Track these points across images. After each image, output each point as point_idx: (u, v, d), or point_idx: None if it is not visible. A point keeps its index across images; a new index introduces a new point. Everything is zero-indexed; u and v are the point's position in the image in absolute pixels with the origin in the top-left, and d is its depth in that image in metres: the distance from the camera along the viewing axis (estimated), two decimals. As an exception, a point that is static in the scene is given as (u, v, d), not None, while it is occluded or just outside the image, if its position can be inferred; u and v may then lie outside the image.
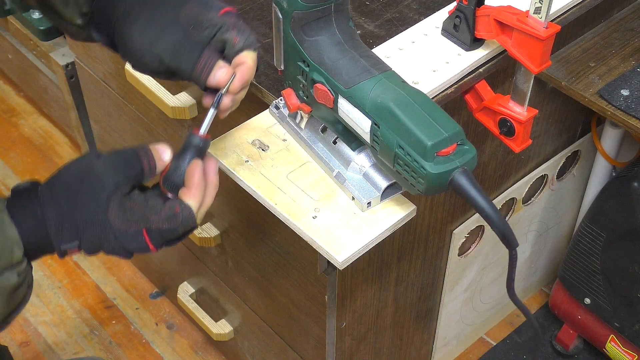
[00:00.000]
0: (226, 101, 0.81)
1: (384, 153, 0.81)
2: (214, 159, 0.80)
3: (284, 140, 0.95)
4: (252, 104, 1.06)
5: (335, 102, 0.84)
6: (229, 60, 0.81)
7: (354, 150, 0.90)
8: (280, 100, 0.96)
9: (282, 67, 0.91)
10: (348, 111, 0.83)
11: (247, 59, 0.81)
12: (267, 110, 0.98)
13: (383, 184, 0.88)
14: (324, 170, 0.92)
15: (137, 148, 0.75)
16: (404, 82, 0.83)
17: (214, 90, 0.82)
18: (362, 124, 0.82)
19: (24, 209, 0.73)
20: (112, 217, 0.72)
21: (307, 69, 0.86)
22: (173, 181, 0.76)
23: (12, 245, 0.71)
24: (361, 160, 0.89)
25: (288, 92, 0.91)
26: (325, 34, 0.84)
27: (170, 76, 0.82)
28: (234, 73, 0.80)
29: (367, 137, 0.83)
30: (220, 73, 0.79)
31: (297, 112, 0.94)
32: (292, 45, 0.86)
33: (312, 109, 0.90)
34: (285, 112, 0.95)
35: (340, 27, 0.85)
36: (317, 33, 0.84)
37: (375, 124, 0.81)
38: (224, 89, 0.80)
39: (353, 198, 0.89)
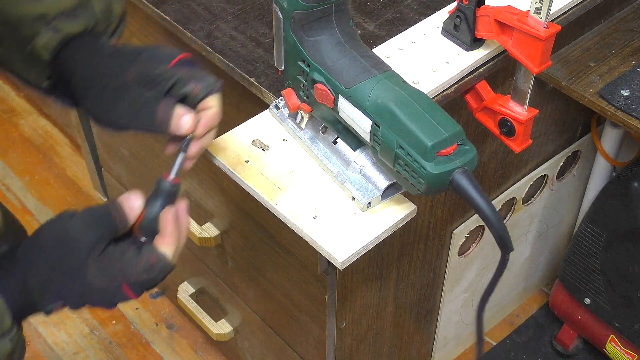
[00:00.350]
0: (193, 146, 0.81)
1: (384, 153, 0.81)
2: (183, 202, 0.80)
3: (284, 140, 0.95)
4: (252, 104, 1.06)
5: (336, 102, 0.84)
6: (193, 106, 0.81)
7: (354, 150, 0.90)
8: (281, 100, 0.96)
9: (282, 67, 0.91)
10: (348, 111, 0.83)
11: (212, 104, 0.81)
12: (267, 110, 0.98)
13: (383, 184, 0.88)
14: (324, 170, 0.92)
15: (109, 205, 0.76)
16: (404, 82, 0.83)
17: (180, 137, 0.81)
18: (362, 124, 0.82)
19: (6, 277, 0.74)
20: (92, 277, 0.73)
21: (307, 69, 0.86)
22: (147, 228, 0.77)
23: (2, 315, 0.72)
24: (361, 160, 0.89)
25: (288, 92, 0.91)
26: (326, 34, 0.84)
27: (137, 131, 0.82)
28: (198, 119, 0.80)
29: (367, 137, 0.83)
30: (184, 121, 0.78)
31: (297, 112, 0.94)
32: (293, 45, 0.86)
33: (312, 109, 0.90)
34: (286, 112, 0.95)
35: (341, 27, 0.85)
36: (317, 33, 0.84)
37: (376, 124, 0.81)
38: (190, 135, 0.80)
39: (353, 198, 0.89)
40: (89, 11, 0.82)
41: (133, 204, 0.76)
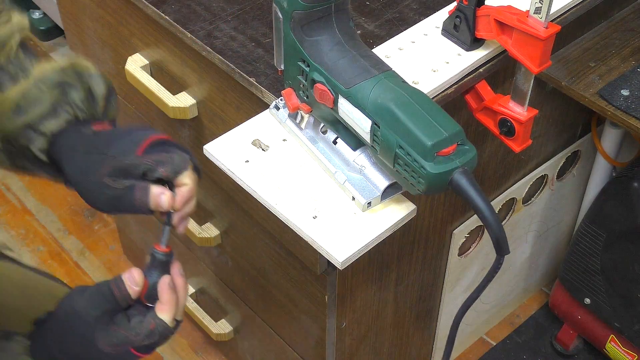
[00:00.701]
0: (176, 218, 0.88)
1: (384, 153, 0.81)
2: (176, 266, 0.88)
3: (284, 140, 0.95)
4: (252, 104, 1.06)
5: (336, 102, 0.84)
6: (170, 185, 0.87)
7: (354, 150, 0.90)
8: (281, 100, 0.96)
9: (282, 67, 0.91)
10: (348, 111, 0.83)
11: (184, 180, 0.87)
12: (267, 110, 0.98)
13: (383, 184, 0.88)
14: (324, 170, 0.92)
15: (111, 282, 0.85)
16: (404, 82, 0.83)
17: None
18: (362, 124, 0.82)
19: (40, 345, 0.87)
20: (101, 345, 0.84)
21: (307, 69, 0.86)
22: (150, 296, 0.87)
23: None
24: (361, 160, 0.89)
25: (288, 92, 0.91)
26: (326, 34, 0.84)
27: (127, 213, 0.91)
28: (173, 195, 0.86)
29: (367, 137, 0.83)
30: (162, 200, 0.85)
31: (297, 112, 0.94)
32: (292, 45, 0.86)
33: (312, 109, 0.90)
34: (286, 112, 0.95)
35: (341, 27, 0.85)
36: (317, 33, 0.84)
37: (376, 124, 0.81)
38: (171, 210, 0.87)
39: (353, 198, 0.89)
40: (68, 104, 0.89)
41: (134, 279, 0.85)
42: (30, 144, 0.89)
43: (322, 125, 0.92)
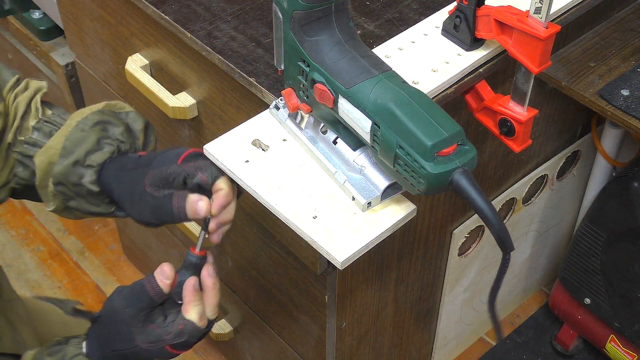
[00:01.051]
0: (213, 224, 0.93)
1: (384, 153, 0.81)
2: (207, 267, 0.93)
3: (284, 140, 0.95)
4: (252, 104, 1.06)
5: (336, 102, 0.84)
6: (208, 192, 0.92)
7: (354, 150, 0.90)
8: (281, 100, 0.96)
9: (282, 67, 0.91)
10: (348, 111, 0.84)
11: (221, 186, 0.91)
12: (267, 110, 0.98)
13: (383, 184, 0.88)
14: (324, 170, 0.92)
15: (144, 279, 0.90)
16: (404, 82, 0.83)
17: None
18: (362, 124, 0.82)
19: (94, 344, 0.93)
20: (139, 341, 0.90)
21: (307, 69, 0.86)
22: (179, 295, 0.92)
23: None
24: (361, 160, 0.89)
25: (288, 92, 0.91)
26: (326, 34, 0.84)
27: (168, 224, 0.97)
28: (210, 201, 0.91)
29: (367, 137, 0.83)
30: (199, 206, 0.90)
31: (297, 112, 0.94)
32: (292, 45, 0.86)
33: (312, 109, 0.90)
34: (286, 112, 0.95)
35: (341, 27, 0.85)
36: (317, 33, 0.84)
37: (376, 124, 0.81)
38: (209, 216, 0.92)
39: (353, 198, 0.89)
40: (110, 138, 0.97)
41: (164, 273, 0.89)
42: (82, 179, 0.97)
43: (322, 125, 0.92)
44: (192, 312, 0.90)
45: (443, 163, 0.77)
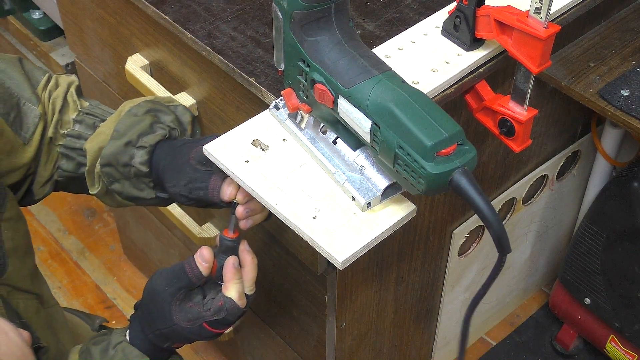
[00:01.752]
0: (240, 209, 0.96)
1: (384, 153, 0.81)
2: (243, 243, 0.98)
3: (284, 140, 0.95)
4: (252, 104, 1.06)
5: (336, 102, 0.84)
6: None
7: (354, 150, 0.90)
8: (280, 100, 0.96)
9: (282, 67, 0.91)
10: (348, 111, 0.84)
11: None
12: (267, 110, 0.98)
13: (383, 184, 0.88)
14: (324, 170, 0.92)
15: (185, 262, 0.94)
16: (404, 82, 0.83)
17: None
18: (362, 124, 0.82)
19: (135, 330, 0.98)
20: (178, 319, 0.94)
21: (307, 69, 0.86)
22: (219, 277, 0.97)
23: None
24: (361, 160, 0.89)
25: (288, 92, 0.91)
26: (326, 34, 0.84)
27: (198, 204, 0.99)
28: (238, 187, 0.94)
29: (367, 138, 0.83)
30: (229, 190, 0.94)
31: (297, 112, 0.94)
32: (292, 45, 0.86)
33: (312, 109, 0.90)
34: (286, 112, 0.95)
35: (341, 27, 0.85)
36: (317, 33, 0.84)
37: (376, 124, 0.81)
38: (235, 201, 0.95)
39: (353, 198, 0.89)
40: (161, 124, 1.03)
41: (203, 256, 0.94)
42: (132, 159, 1.01)
43: (322, 125, 0.92)
44: (232, 290, 0.94)
45: (443, 163, 0.77)
